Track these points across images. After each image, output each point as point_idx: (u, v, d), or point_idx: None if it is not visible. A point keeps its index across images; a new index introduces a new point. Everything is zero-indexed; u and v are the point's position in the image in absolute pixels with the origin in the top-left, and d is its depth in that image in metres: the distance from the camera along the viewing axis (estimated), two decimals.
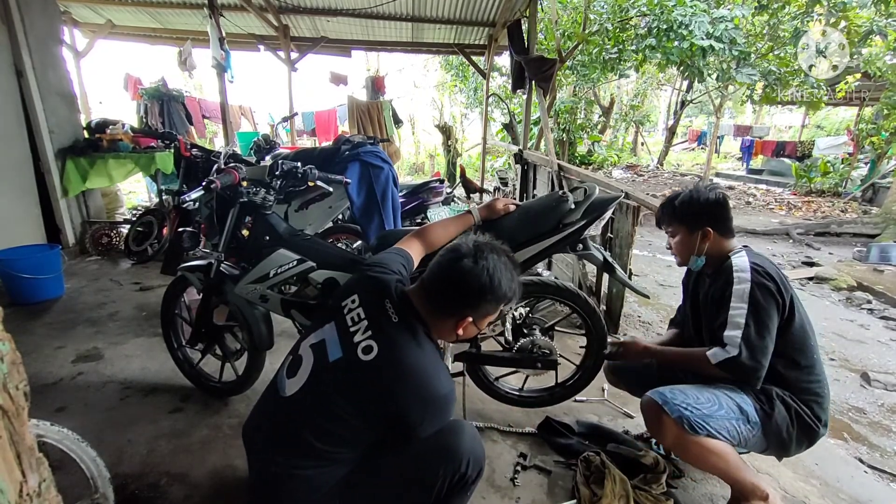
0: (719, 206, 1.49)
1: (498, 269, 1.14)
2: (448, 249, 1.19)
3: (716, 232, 1.49)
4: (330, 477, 1.09)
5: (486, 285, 1.12)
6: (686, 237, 1.52)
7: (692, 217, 1.50)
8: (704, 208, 1.49)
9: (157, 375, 2.33)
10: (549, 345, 1.82)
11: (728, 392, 1.41)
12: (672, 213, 1.55)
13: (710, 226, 1.48)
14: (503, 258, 1.17)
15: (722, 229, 1.50)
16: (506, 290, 1.15)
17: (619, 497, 1.52)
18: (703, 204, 1.49)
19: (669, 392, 1.41)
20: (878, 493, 1.87)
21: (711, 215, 1.49)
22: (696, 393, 1.40)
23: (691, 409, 1.35)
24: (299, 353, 1.19)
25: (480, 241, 1.18)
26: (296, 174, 1.81)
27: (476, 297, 1.13)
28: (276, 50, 7.02)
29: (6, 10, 3.48)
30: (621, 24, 6.60)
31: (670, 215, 1.56)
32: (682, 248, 1.55)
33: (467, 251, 1.14)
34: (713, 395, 1.40)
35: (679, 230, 1.54)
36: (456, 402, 1.18)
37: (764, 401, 1.40)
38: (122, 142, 4.25)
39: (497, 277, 1.13)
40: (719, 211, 1.49)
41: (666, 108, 17.45)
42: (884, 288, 4.67)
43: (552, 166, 4.01)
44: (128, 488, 1.60)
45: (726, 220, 1.50)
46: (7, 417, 0.60)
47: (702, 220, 1.49)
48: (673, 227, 1.57)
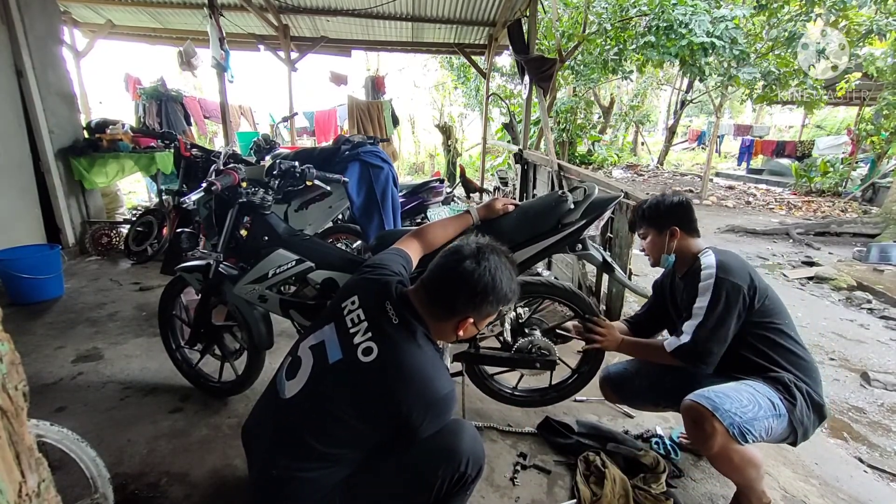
0: (683, 207, 1.63)
1: (499, 270, 1.14)
2: (450, 251, 1.19)
3: (682, 231, 1.61)
4: (331, 478, 1.09)
5: (488, 286, 1.12)
6: (656, 237, 1.65)
7: (660, 219, 1.63)
8: (671, 210, 1.62)
9: (157, 375, 2.33)
10: (549, 345, 1.81)
11: (756, 387, 1.41)
12: (642, 216, 1.69)
13: (677, 225, 1.60)
14: (504, 259, 1.17)
15: (688, 228, 1.62)
16: (506, 292, 1.16)
17: (619, 497, 1.52)
18: (669, 206, 1.63)
19: (716, 396, 1.36)
20: (878, 492, 1.87)
21: (677, 216, 1.62)
22: (737, 395, 1.37)
23: (740, 415, 1.32)
24: (298, 355, 1.18)
25: (482, 242, 1.19)
26: (294, 174, 1.80)
27: (478, 298, 1.14)
28: (276, 50, 7.02)
29: (6, 9, 3.48)
30: (621, 23, 6.60)
31: (640, 218, 1.69)
32: (654, 248, 1.67)
33: (469, 252, 1.15)
34: (749, 394, 1.38)
35: (649, 231, 1.67)
36: (456, 401, 1.18)
37: (783, 390, 1.41)
38: (122, 142, 4.25)
39: (499, 278, 1.13)
40: (684, 212, 1.62)
41: (666, 107, 17.45)
42: (884, 288, 4.67)
43: (552, 166, 4.01)
44: (127, 488, 1.60)
45: (691, 221, 1.62)
46: (6, 418, 0.60)
47: (669, 220, 1.61)
48: (644, 229, 1.69)
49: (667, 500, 1.54)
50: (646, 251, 1.71)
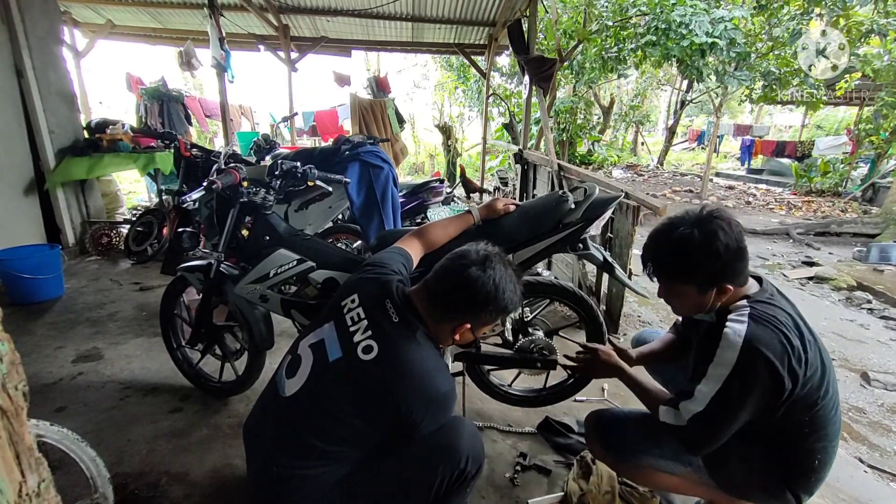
0: (740, 253, 1.10)
1: (503, 280, 1.15)
2: (457, 255, 1.19)
3: (734, 286, 1.13)
4: (331, 477, 1.09)
5: (491, 295, 1.13)
6: (694, 296, 1.16)
7: (705, 274, 1.12)
8: (721, 260, 1.09)
9: (157, 375, 2.33)
10: (549, 345, 1.81)
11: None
12: (671, 267, 1.17)
13: (729, 281, 1.12)
14: (509, 271, 1.18)
15: (741, 280, 1.14)
16: (507, 303, 1.16)
17: (605, 493, 1.52)
18: (718, 254, 1.08)
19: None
20: (878, 492, 1.87)
21: (730, 269, 1.11)
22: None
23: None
24: (298, 353, 1.18)
25: (490, 250, 1.19)
26: (295, 174, 1.81)
27: (479, 306, 1.14)
28: (276, 50, 7.02)
29: (6, 10, 3.48)
30: (621, 23, 6.61)
31: (669, 269, 1.18)
32: (687, 307, 1.22)
33: (476, 259, 1.15)
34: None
35: (682, 288, 1.17)
36: (456, 399, 1.18)
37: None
38: (122, 142, 4.25)
39: (501, 288, 1.14)
40: (738, 259, 1.11)
41: (666, 107, 17.45)
42: (884, 288, 4.67)
43: (552, 166, 4.01)
44: (127, 488, 1.60)
45: (746, 267, 1.14)
46: (6, 418, 0.60)
47: (717, 276, 1.12)
48: (672, 282, 1.19)
49: (653, 497, 1.54)
50: (671, 305, 1.25)
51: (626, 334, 3.04)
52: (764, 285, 1.19)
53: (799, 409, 1.10)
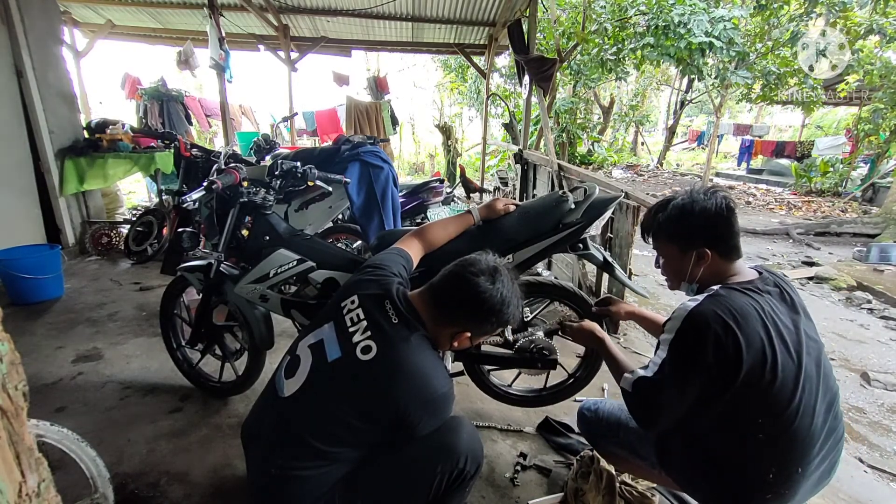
0: (721, 218, 1.12)
1: (510, 295, 1.16)
2: (465, 262, 1.19)
3: (715, 252, 1.13)
4: (330, 477, 1.09)
5: (496, 308, 1.14)
6: (676, 257, 1.18)
7: (684, 231, 1.16)
8: (701, 221, 1.12)
9: (157, 375, 2.33)
10: (550, 345, 1.81)
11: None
12: (658, 225, 1.21)
13: (709, 245, 1.13)
14: (515, 286, 1.19)
15: (723, 248, 1.13)
16: (510, 318, 1.18)
17: (603, 492, 1.52)
18: (700, 215, 1.12)
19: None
20: (878, 492, 1.87)
21: (710, 231, 1.13)
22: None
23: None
24: (297, 354, 1.19)
25: (500, 262, 1.20)
26: (295, 174, 1.81)
27: (482, 317, 1.15)
28: (276, 50, 7.02)
29: (6, 10, 3.48)
30: (620, 23, 6.61)
31: (655, 227, 1.22)
32: (671, 270, 1.23)
33: (485, 269, 1.15)
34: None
35: (667, 247, 1.21)
36: (454, 400, 1.19)
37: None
38: (122, 142, 4.24)
39: (508, 303, 1.15)
40: (721, 224, 1.12)
41: (666, 107, 17.44)
42: (884, 288, 4.67)
43: (552, 166, 4.01)
44: (127, 488, 1.60)
45: (730, 237, 1.13)
46: (6, 418, 0.60)
47: (697, 236, 1.13)
48: (660, 242, 1.23)
49: (652, 496, 1.54)
50: (661, 270, 1.28)
51: (626, 334, 3.04)
52: (761, 277, 1.15)
53: (752, 407, 1.03)
